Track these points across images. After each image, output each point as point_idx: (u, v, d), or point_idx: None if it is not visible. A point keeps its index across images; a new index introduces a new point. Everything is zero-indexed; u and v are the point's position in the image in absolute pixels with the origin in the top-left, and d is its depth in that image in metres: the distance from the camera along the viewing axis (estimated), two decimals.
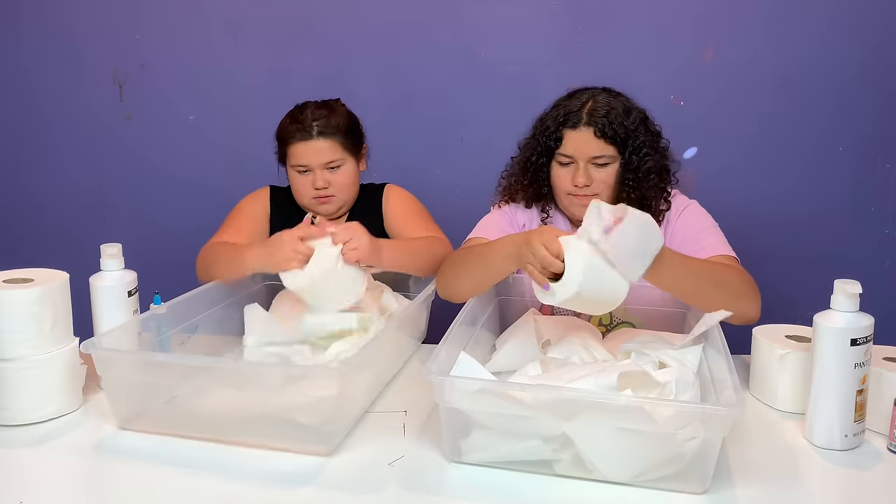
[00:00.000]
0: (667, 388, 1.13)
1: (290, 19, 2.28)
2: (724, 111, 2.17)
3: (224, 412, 1.21)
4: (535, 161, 1.57)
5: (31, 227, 2.51)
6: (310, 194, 1.73)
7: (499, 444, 1.08)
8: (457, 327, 1.27)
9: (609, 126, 1.48)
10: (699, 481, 1.03)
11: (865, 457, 1.14)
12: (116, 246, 1.37)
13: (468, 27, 2.22)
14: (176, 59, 2.35)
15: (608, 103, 1.51)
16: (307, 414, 1.15)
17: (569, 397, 1.05)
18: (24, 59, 2.41)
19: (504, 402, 1.05)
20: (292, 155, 1.73)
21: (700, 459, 1.02)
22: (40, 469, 1.12)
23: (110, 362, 1.21)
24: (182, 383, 1.23)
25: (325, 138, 1.70)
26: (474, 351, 1.34)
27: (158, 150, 2.41)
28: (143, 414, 1.22)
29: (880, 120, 2.12)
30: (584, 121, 1.49)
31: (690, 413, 1.03)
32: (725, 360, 1.14)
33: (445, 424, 1.10)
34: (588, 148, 1.49)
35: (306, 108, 1.74)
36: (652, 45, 2.16)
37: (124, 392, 1.23)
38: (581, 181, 1.50)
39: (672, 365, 1.25)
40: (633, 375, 1.14)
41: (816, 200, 2.18)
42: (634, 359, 1.27)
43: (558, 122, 1.52)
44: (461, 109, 2.27)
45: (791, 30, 2.11)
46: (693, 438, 1.01)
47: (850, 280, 1.13)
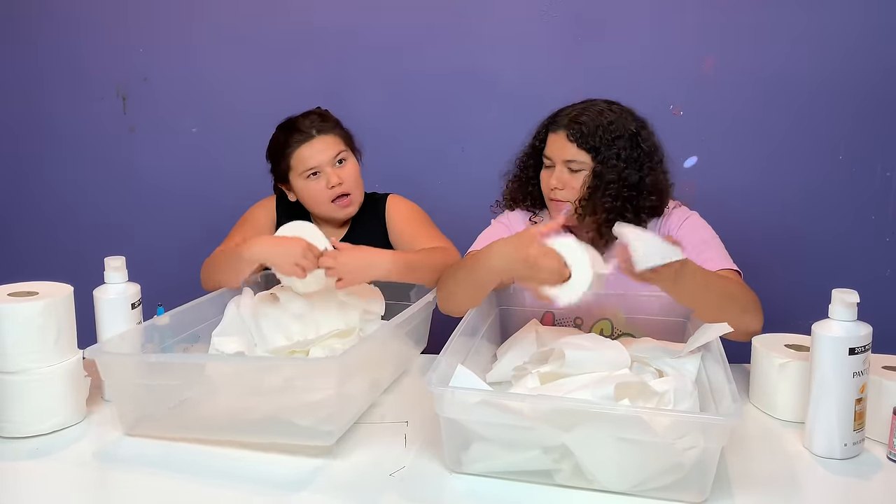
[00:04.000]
0: (665, 397, 1.14)
1: (291, 32, 2.30)
2: (724, 121, 2.18)
3: (229, 413, 1.22)
4: (525, 161, 1.64)
5: (36, 240, 2.53)
6: (327, 196, 1.73)
7: (499, 454, 1.09)
8: (457, 338, 1.28)
9: (580, 132, 1.51)
10: (699, 491, 1.03)
11: (865, 465, 1.14)
12: (120, 259, 1.38)
13: (469, 39, 2.24)
14: (179, 72, 2.37)
15: (595, 112, 1.53)
16: (307, 412, 1.17)
17: (568, 408, 1.05)
18: (27, 73, 2.43)
19: (504, 413, 1.05)
20: (298, 161, 1.72)
21: (699, 469, 1.02)
22: (44, 481, 1.12)
23: (114, 366, 1.22)
24: (186, 385, 1.24)
25: (325, 134, 1.73)
26: (475, 361, 1.35)
27: (162, 163, 2.43)
28: (148, 418, 1.23)
29: (880, 128, 2.12)
30: (562, 124, 1.54)
31: (689, 422, 1.03)
32: (724, 369, 1.14)
33: (446, 435, 1.10)
34: (562, 151, 1.53)
35: (295, 118, 1.77)
36: (652, 55, 2.17)
37: (129, 396, 1.24)
38: (553, 182, 1.54)
39: (671, 374, 1.25)
40: (630, 385, 1.14)
41: (816, 208, 2.18)
42: (634, 369, 1.28)
43: (545, 123, 1.59)
44: (462, 121, 2.28)
45: (790, 39, 2.11)
46: (692, 448, 1.02)
47: (848, 289, 1.14)
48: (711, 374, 1.23)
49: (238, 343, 1.45)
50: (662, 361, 1.30)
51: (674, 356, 1.32)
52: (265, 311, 1.54)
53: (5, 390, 1.22)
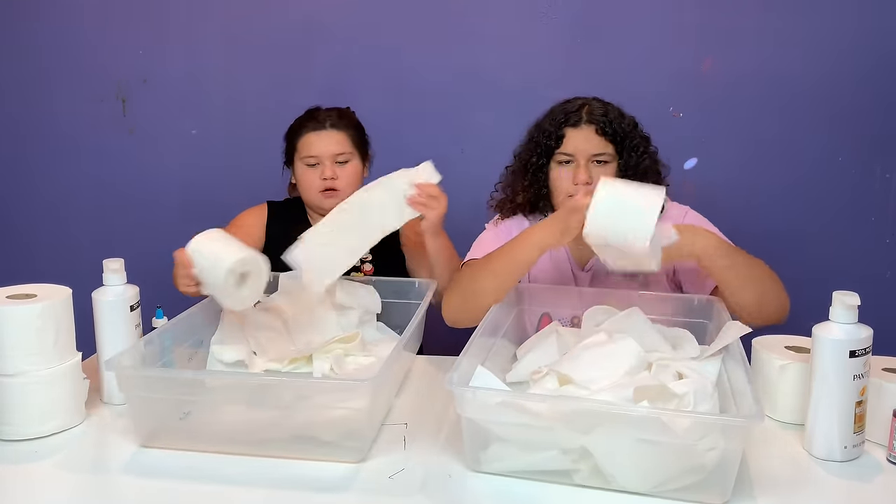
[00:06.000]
0: (685, 399, 1.14)
1: (291, 33, 2.30)
2: (723, 122, 2.18)
3: (246, 427, 1.21)
4: (534, 163, 1.61)
5: (34, 242, 2.52)
6: (317, 186, 1.77)
7: (518, 454, 1.09)
8: (477, 338, 1.27)
9: (609, 125, 1.55)
10: (720, 492, 1.03)
11: (865, 468, 1.14)
12: (119, 261, 1.38)
13: (469, 40, 2.24)
14: (178, 74, 2.37)
15: (604, 106, 1.59)
16: (333, 428, 1.16)
17: (587, 409, 1.06)
18: (27, 74, 2.42)
19: (523, 413, 1.05)
20: (303, 146, 1.78)
21: (721, 470, 1.02)
22: (44, 484, 1.12)
23: (132, 380, 1.20)
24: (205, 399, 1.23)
25: (336, 130, 1.78)
26: (494, 362, 1.34)
27: (161, 165, 2.43)
28: (164, 431, 1.22)
29: (880, 130, 2.13)
30: (584, 119, 1.56)
31: (710, 424, 1.03)
32: (744, 371, 1.14)
33: (466, 435, 1.10)
34: (589, 145, 1.55)
35: (318, 108, 1.84)
36: (650, 56, 2.17)
37: (147, 410, 1.21)
38: (582, 178, 1.53)
39: (690, 376, 1.25)
40: (649, 388, 1.14)
41: (816, 210, 2.18)
42: (655, 370, 1.27)
43: (558, 122, 1.58)
44: (462, 122, 2.28)
45: (789, 40, 2.12)
46: (713, 449, 1.01)
47: (849, 292, 1.14)
48: (732, 375, 1.22)
49: (237, 352, 1.44)
50: (683, 363, 1.29)
51: (694, 359, 1.33)
52: (262, 319, 1.53)
53: (4, 393, 1.22)
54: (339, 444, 1.16)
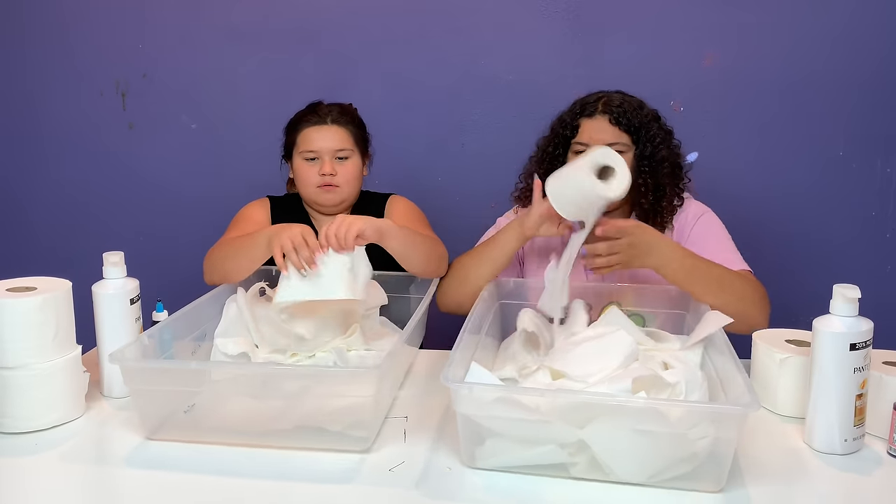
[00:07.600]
0: (677, 388, 1.15)
1: (292, 29, 2.29)
2: (724, 116, 2.17)
3: (251, 418, 1.21)
4: (551, 152, 1.65)
5: (34, 235, 2.53)
6: (315, 182, 1.75)
7: (514, 449, 1.09)
8: (465, 335, 1.27)
9: (623, 115, 1.58)
10: (715, 480, 1.04)
11: (865, 461, 1.14)
12: (119, 254, 1.38)
13: (469, 35, 2.23)
14: (178, 69, 2.37)
15: (622, 98, 1.63)
16: (339, 418, 1.17)
17: (584, 401, 1.06)
18: (27, 69, 2.42)
19: (521, 409, 1.05)
20: (303, 141, 1.76)
21: (715, 458, 1.03)
22: (44, 476, 1.12)
23: (140, 374, 1.20)
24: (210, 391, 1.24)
25: (337, 126, 1.77)
26: (481, 357, 1.34)
27: (161, 159, 2.42)
28: (170, 423, 1.22)
29: (881, 124, 2.12)
30: (599, 110, 1.60)
31: (706, 412, 1.05)
32: (732, 359, 1.15)
33: (461, 430, 1.10)
34: (603, 135, 1.57)
35: (320, 102, 1.83)
36: (651, 51, 2.16)
37: (152, 402, 1.21)
38: None
39: (677, 366, 1.26)
40: (644, 378, 1.15)
41: (817, 205, 2.18)
42: (642, 361, 1.28)
43: (574, 112, 1.64)
44: (462, 116, 2.28)
45: (790, 34, 2.11)
46: (704, 437, 1.02)
47: (850, 285, 1.14)
48: (717, 363, 1.23)
49: (240, 344, 1.44)
50: (667, 353, 1.31)
51: (677, 349, 1.34)
52: (264, 312, 1.53)
53: (4, 386, 1.22)
54: (345, 433, 1.16)
